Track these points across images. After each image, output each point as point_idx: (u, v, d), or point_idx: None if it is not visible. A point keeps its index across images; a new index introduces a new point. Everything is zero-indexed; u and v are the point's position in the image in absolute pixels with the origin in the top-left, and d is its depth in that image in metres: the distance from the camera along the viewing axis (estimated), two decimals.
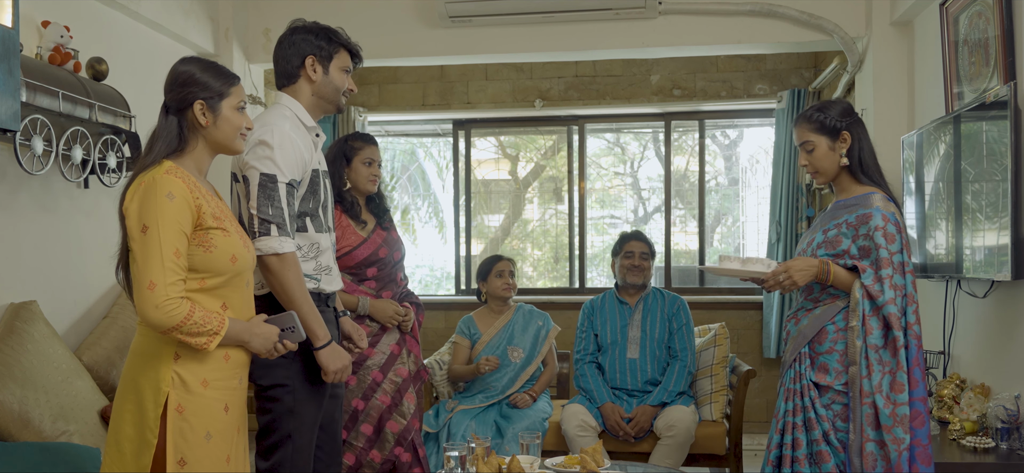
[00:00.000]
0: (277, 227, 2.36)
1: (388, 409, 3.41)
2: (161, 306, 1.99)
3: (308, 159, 2.49)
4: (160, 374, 2.06)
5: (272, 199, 2.36)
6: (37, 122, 2.95)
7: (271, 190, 2.36)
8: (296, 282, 2.37)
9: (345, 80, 2.61)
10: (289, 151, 2.40)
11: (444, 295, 6.28)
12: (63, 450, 2.69)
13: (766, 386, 5.71)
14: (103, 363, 3.25)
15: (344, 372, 2.48)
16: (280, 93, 2.59)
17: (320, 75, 2.56)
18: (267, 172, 2.37)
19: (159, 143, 2.14)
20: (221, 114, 2.18)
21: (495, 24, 4.51)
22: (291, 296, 2.37)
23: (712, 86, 5.76)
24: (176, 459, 2.05)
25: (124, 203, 2.09)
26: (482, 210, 6.36)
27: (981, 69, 3.34)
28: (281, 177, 2.38)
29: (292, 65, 2.56)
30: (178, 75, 2.17)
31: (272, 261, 2.35)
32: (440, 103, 6.00)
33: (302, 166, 2.46)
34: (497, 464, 3.03)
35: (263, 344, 2.20)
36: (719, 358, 4.16)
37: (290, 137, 2.42)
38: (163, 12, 4.01)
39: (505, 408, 4.11)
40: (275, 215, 2.36)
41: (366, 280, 3.44)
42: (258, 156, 2.38)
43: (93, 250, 3.53)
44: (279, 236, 2.36)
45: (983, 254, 3.14)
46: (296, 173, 2.43)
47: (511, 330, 4.28)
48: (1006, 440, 2.97)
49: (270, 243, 2.34)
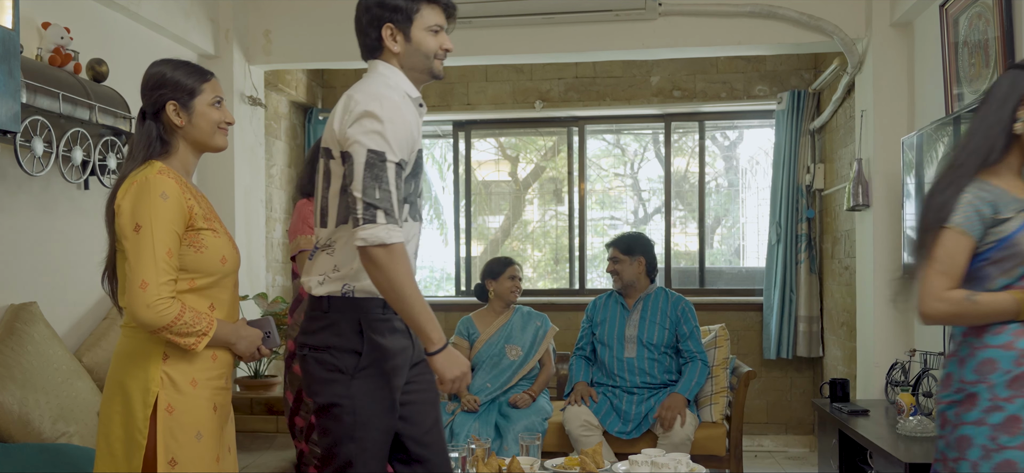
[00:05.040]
0: (385, 213, 2.01)
1: None
2: (153, 305, 1.98)
3: (415, 136, 2.15)
4: (149, 374, 2.05)
5: (380, 181, 2.02)
6: (37, 123, 2.95)
7: (379, 170, 2.02)
8: (405, 277, 2.03)
9: (435, 41, 2.19)
10: (400, 126, 2.07)
11: (444, 296, 6.28)
12: (63, 451, 2.69)
13: (766, 387, 5.71)
14: (103, 364, 3.25)
15: (462, 380, 2.12)
16: (374, 61, 2.24)
17: (402, 44, 2.18)
18: (375, 149, 2.02)
19: (138, 149, 2.13)
20: (195, 112, 2.15)
21: (495, 25, 4.51)
22: (400, 294, 2.03)
23: (712, 87, 5.76)
24: (167, 459, 2.04)
25: (116, 201, 2.08)
26: (482, 211, 6.36)
27: (981, 70, 3.34)
28: (391, 155, 2.04)
29: (371, 39, 2.21)
30: (149, 78, 2.16)
31: (379, 254, 2.00)
32: (440, 104, 6.00)
33: (411, 144, 2.12)
34: (497, 465, 3.04)
35: (247, 347, 2.20)
36: (719, 359, 4.16)
37: (400, 110, 2.09)
38: (163, 13, 4.01)
39: (505, 408, 4.12)
40: (383, 199, 2.01)
41: None
42: (365, 130, 2.03)
43: (93, 251, 3.53)
44: (387, 223, 2.01)
45: None
46: (405, 152, 2.10)
47: (510, 329, 4.31)
48: None
49: (376, 232, 2.00)
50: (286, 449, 3.64)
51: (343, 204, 2.11)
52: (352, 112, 2.06)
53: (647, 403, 3.98)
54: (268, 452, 3.59)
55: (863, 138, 4.37)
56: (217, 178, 4.55)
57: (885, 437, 3.22)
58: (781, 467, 5.28)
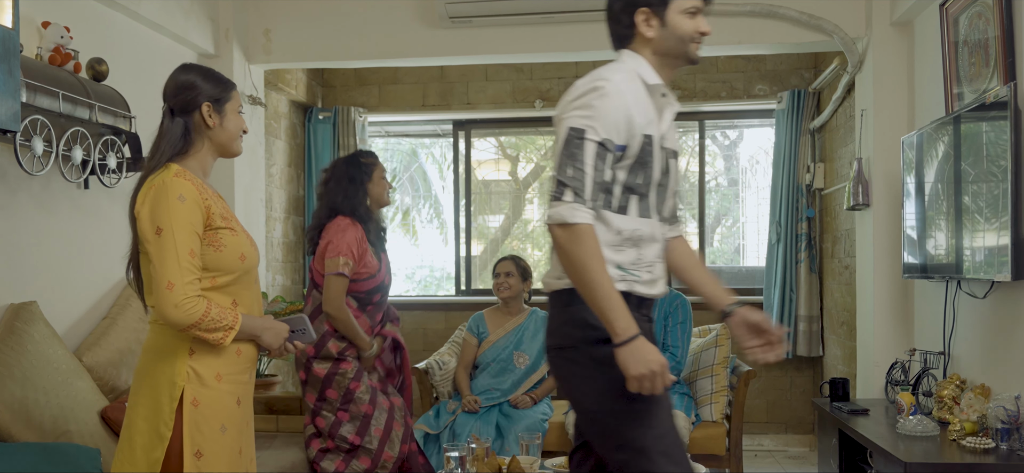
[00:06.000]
0: (574, 192, 1.94)
1: (390, 412, 3.44)
2: (181, 305, 2.05)
3: (640, 122, 2.04)
4: (175, 369, 2.12)
5: (574, 158, 1.96)
6: (37, 123, 2.95)
7: (575, 148, 1.96)
8: (588, 260, 1.92)
9: (692, 23, 2.11)
10: (612, 106, 1.99)
11: (444, 296, 6.28)
12: (63, 450, 2.69)
13: (766, 387, 5.71)
14: (103, 363, 3.25)
15: (655, 379, 1.91)
16: (621, 51, 2.18)
17: (657, 28, 2.11)
18: (576, 126, 1.97)
19: (164, 144, 2.20)
20: (226, 115, 2.26)
21: (495, 25, 4.51)
22: (582, 276, 1.93)
23: (712, 86, 5.76)
24: (193, 451, 2.12)
25: (136, 207, 2.15)
26: (482, 211, 6.36)
27: (981, 70, 3.34)
28: (592, 134, 1.97)
29: (623, 26, 2.14)
30: (181, 82, 2.24)
31: (559, 234, 1.94)
32: (440, 104, 6.00)
33: (627, 127, 2.02)
34: (497, 465, 3.04)
35: (274, 338, 2.27)
36: (720, 359, 4.16)
37: (619, 91, 2.01)
38: (163, 13, 4.01)
39: (506, 407, 4.12)
40: (574, 177, 1.95)
41: (369, 305, 3.49)
42: (573, 107, 2.01)
43: (93, 251, 3.53)
44: (573, 203, 1.94)
45: (983, 255, 3.14)
46: (616, 134, 2.00)
47: (520, 335, 4.27)
48: (1006, 440, 2.97)
49: (559, 211, 1.94)
50: (286, 448, 3.64)
51: None
52: (571, 95, 2.03)
53: None
54: (267, 451, 3.59)
55: (863, 137, 4.37)
56: (217, 177, 4.55)
57: (885, 436, 3.22)
58: (781, 466, 5.28)
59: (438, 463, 3.81)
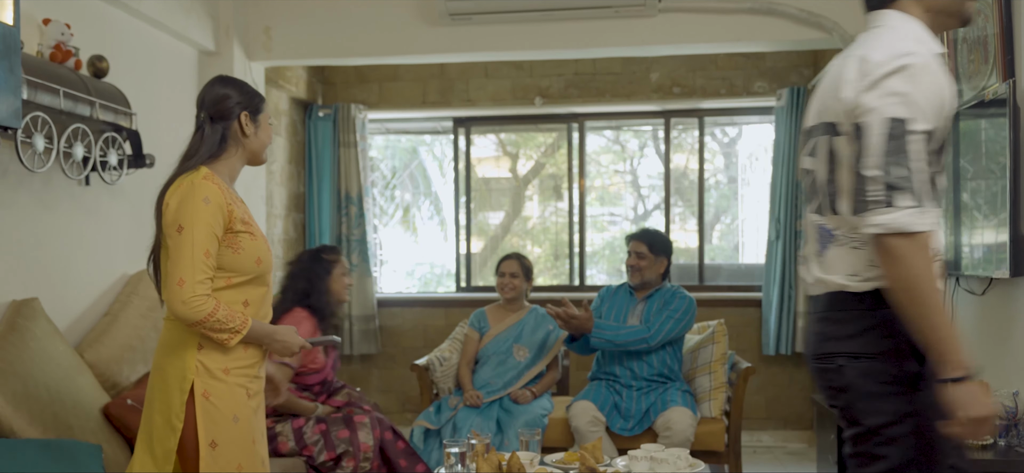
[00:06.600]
0: (911, 194, 1.64)
1: (345, 415, 3.53)
2: (188, 301, 2.14)
3: (950, 105, 1.79)
4: (185, 362, 2.22)
5: (902, 155, 1.66)
6: (38, 119, 2.95)
7: (902, 142, 1.66)
8: (927, 276, 1.64)
9: None
10: (931, 89, 1.72)
11: (444, 293, 6.28)
12: (65, 447, 2.70)
13: (765, 383, 5.72)
14: (105, 360, 3.26)
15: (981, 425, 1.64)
16: (882, 12, 1.91)
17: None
18: (898, 117, 1.67)
19: (203, 148, 2.31)
20: (260, 126, 2.41)
21: (495, 22, 4.51)
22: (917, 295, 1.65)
23: (711, 84, 5.76)
24: (207, 442, 2.20)
25: (165, 198, 2.25)
26: (482, 208, 6.37)
27: (980, 67, 3.35)
28: (916, 124, 1.68)
29: None
30: (219, 93, 2.36)
31: (899, 245, 1.64)
32: (440, 101, 6.00)
33: (939, 109, 1.75)
34: (497, 460, 3.05)
35: (283, 348, 2.37)
36: (718, 355, 4.17)
37: (932, 69, 1.74)
38: (164, 10, 4.01)
39: (507, 402, 4.13)
40: (907, 178, 1.65)
41: (308, 389, 3.63)
42: (886, 93, 1.69)
43: (94, 247, 3.54)
44: (913, 207, 1.64)
45: (981, 251, 3.15)
46: (934, 120, 1.73)
47: (520, 329, 4.30)
48: (1004, 437, 2.98)
49: (898, 218, 1.64)
50: None
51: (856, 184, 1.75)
52: (869, 75, 1.73)
53: (647, 398, 3.99)
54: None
55: None
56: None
57: None
58: (780, 462, 5.29)
59: (439, 458, 3.82)
